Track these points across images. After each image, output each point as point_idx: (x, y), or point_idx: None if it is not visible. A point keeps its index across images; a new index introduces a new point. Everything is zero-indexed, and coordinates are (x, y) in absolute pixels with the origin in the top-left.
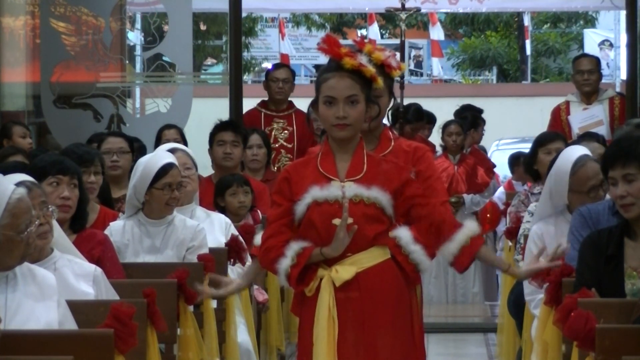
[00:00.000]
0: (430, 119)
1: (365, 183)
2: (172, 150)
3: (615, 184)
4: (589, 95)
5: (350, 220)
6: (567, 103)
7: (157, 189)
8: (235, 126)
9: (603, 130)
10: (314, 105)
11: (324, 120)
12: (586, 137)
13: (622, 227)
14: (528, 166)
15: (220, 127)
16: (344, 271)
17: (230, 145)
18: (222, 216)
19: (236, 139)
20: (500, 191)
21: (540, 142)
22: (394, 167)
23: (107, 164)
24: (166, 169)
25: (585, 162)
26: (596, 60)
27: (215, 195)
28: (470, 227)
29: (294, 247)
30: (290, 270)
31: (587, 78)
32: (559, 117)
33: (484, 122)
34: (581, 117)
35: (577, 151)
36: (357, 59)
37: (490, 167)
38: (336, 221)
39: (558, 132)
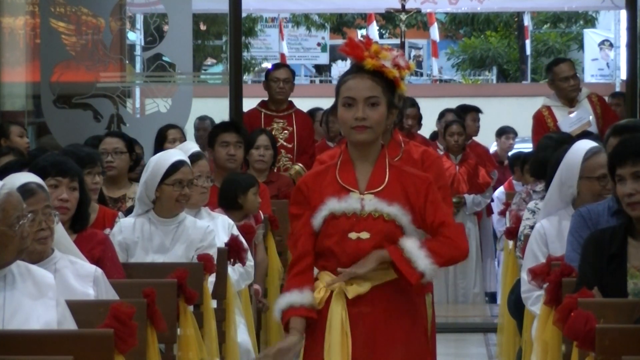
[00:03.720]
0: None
1: (386, 197)
2: (196, 157)
3: (623, 182)
4: (573, 99)
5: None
6: (549, 108)
7: (167, 185)
8: (237, 127)
9: (592, 130)
10: (332, 110)
11: (343, 123)
12: (582, 137)
13: (625, 227)
14: (539, 163)
15: (222, 128)
16: (358, 284)
17: (234, 147)
18: (225, 217)
19: (239, 140)
20: (500, 191)
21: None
22: (415, 180)
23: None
24: (177, 165)
25: (598, 150)
26: (572, 63)
27: (237, 194)
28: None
29: (281, 302)
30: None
31: (573, 84)
32: (544, 123)
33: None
34: (570, 122)
35: (589, 142)
36: (379, 60)
37: (491, 161)
38: (352, 235)
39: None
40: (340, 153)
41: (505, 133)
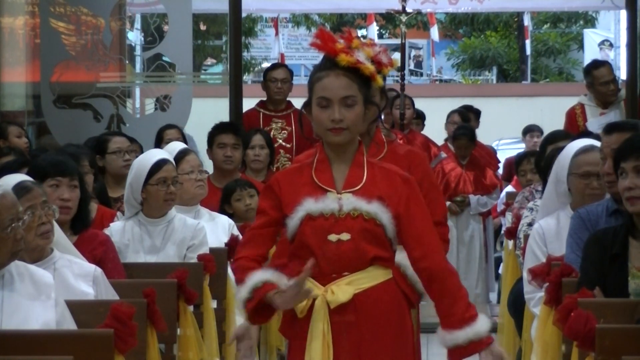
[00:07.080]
0: (418, 115)
1: (365, 195)
2: (184, 153)
3: (625, 176)
4: (612, 103)
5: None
6: (582, 107)
7: (152, 185)
8: (236, 128)
9: None
10: (306, 107)
11: (318, 124)
12: (582, 135)
13: (627, 227)
14: (536, 164)
15: (220, 129)
16: (341, 292)
17: (231, 148)
18: (225, 217)
19: (237, 142)
20: (510, 189)
21: (549, 139)
22: (395, 180)
23: (120, 163)
24: (160, 164)
25: (590, 148)
26: (611, 65)
27: (222, 203)
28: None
29: (254, 278)
30: (245, 303)
31: (612, 88)
32: (575, 121)
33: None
34: (599, 123)
35: (585, 141)
36: (354, 55)
37: (495, 164)
38: (332, 237)
39: (568, 132)
40: (315, 152)
41: (530, 131)
